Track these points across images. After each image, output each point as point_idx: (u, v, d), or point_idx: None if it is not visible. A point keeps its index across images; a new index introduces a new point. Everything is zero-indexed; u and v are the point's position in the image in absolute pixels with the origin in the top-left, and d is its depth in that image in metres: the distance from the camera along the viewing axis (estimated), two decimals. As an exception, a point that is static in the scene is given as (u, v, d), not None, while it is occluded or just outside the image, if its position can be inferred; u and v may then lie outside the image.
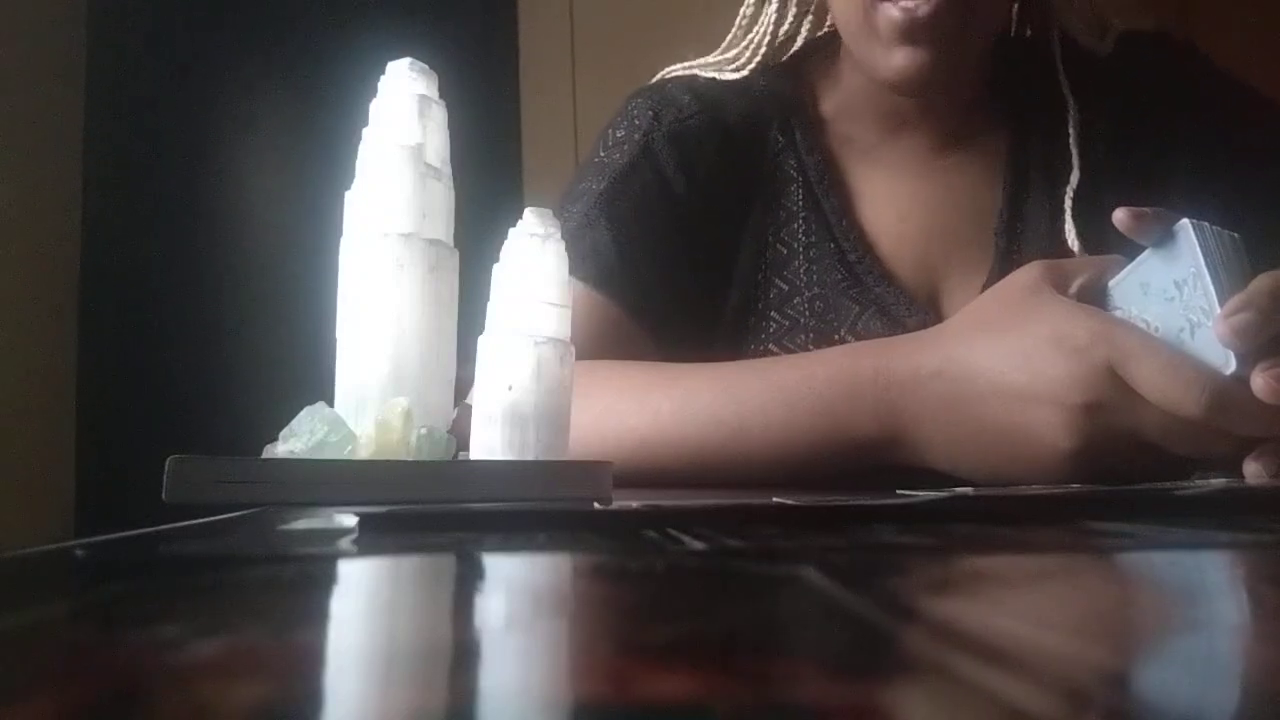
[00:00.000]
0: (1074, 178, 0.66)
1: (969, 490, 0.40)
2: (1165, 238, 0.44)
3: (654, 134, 0.69)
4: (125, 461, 1.07)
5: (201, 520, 0.33)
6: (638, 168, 0.68)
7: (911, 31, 0.59)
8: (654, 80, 0.76)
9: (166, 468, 0.27)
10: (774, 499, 0.37)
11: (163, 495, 0.27)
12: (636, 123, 0.70)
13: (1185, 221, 0.44)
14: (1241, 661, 0.14)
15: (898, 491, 0.38)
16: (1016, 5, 0.73)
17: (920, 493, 0.37)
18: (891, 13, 0.59)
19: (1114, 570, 0.24)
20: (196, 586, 0.22)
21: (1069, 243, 0.64)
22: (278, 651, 0.15)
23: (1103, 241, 0.56)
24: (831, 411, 0.51)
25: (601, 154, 0.70)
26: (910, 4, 0.58)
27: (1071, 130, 0.67)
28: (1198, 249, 0.43)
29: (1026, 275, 0.48)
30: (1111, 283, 0.47)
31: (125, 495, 0.74)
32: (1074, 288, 0.47)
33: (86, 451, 1.65)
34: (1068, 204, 0.65)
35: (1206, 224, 0.43)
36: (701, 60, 0.75)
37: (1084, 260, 0.52)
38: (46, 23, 1.63)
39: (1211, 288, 0.42)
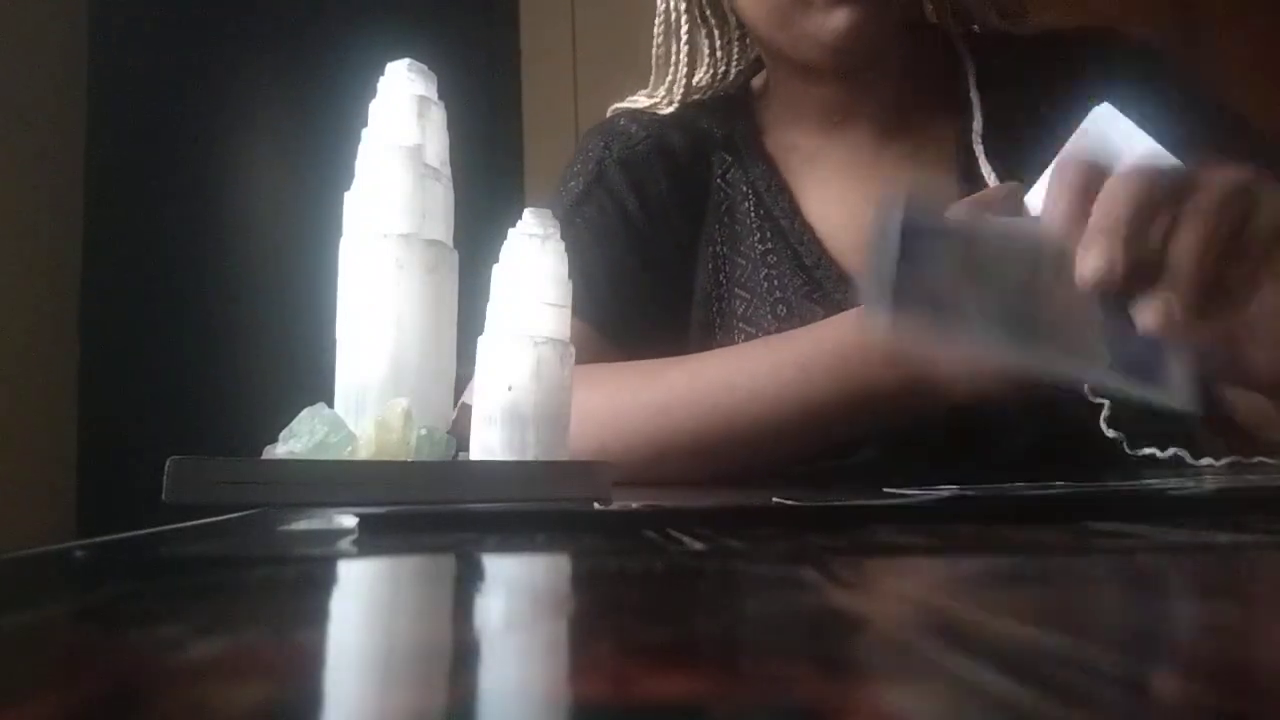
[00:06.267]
0: (976, 123, 0.67)
1: (969, 490, 0.40)
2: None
3: (606, 160, 0.73)
4: (126, 462, 1.07)
5: (201, 521, 0.33)
6: (592, 192, 0.72)
7: None
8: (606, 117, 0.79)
9: (166, 468, 0.27)
10: (774, 499, 0.37)
11: (163, 496, 0.27)
12: (590, 154, 0.74)
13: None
14: (1241, 662, 0.14)
15: (895, 491, 0.38)
16: None
17: (919, 492, 0.37)
18: None
19: (1114, 570, 0.24)
20: (197, 587, 0.22)
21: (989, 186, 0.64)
22: (278, 652, 0.15)
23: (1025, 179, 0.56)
24: (844, 365, 0.53)
25: (561, 190, 0.74)
26: None
27: (971, 78, 0.69)
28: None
29: None
30: None
31: (126, 496, 0.74)
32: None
33: (88, 452, 1.65)
34: (978, 148, 0.66)
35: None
36: (635, 98, 0.78)
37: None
38: (47, 26, 1.63)
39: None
